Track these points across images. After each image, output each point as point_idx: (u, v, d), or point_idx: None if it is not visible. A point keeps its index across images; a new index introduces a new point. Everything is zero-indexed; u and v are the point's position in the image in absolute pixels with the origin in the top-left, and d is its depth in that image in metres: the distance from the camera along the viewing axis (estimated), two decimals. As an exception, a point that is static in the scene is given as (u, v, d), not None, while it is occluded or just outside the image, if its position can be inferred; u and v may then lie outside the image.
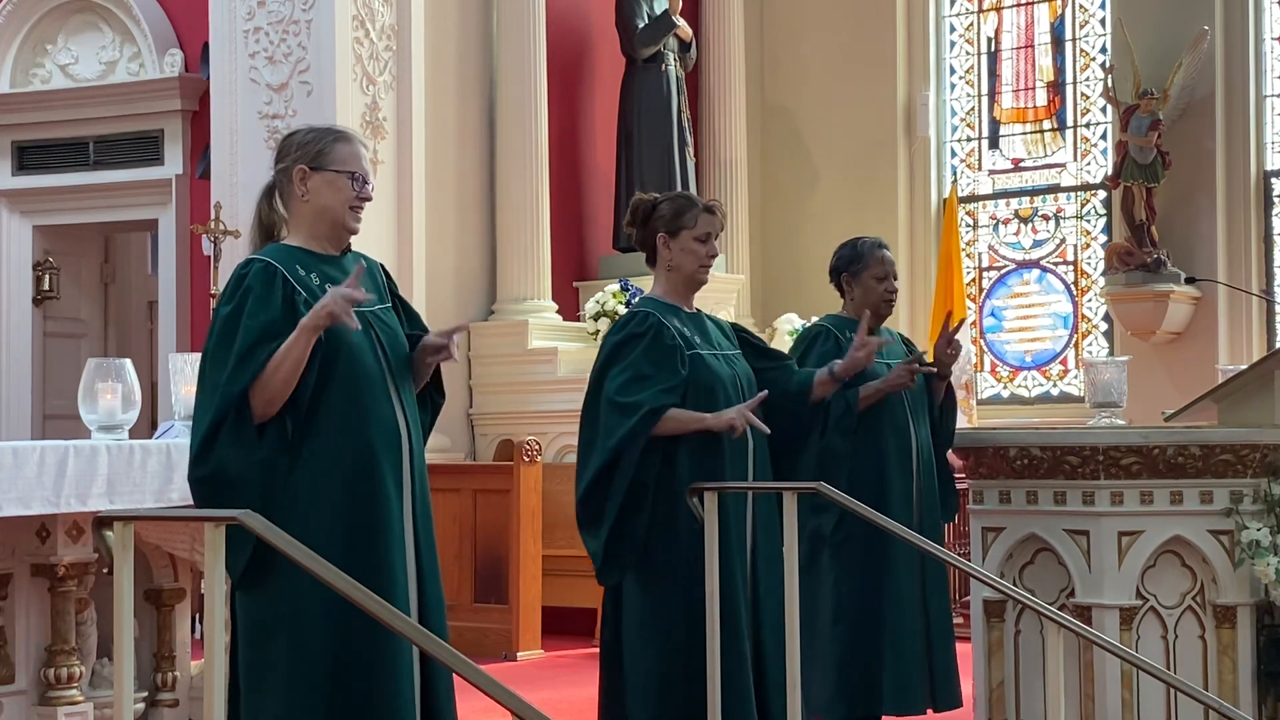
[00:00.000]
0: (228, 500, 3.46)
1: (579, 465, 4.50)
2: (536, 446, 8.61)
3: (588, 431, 4.51)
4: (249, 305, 3.59)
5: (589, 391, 4.55)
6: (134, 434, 5.23)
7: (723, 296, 10.71)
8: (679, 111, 10.82)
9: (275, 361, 3.54)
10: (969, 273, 11.48)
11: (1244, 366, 5.30)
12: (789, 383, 4.72)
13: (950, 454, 5.40)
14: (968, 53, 11.90)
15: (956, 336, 5.36)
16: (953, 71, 11.96)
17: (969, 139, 11.85)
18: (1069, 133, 11.49)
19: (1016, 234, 11.59)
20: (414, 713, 3.59)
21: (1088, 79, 11.39)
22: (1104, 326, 11.17)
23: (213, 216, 8.93)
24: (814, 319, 5.71)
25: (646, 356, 4.44)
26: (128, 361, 5.25)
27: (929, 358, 5.40)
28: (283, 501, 3.54)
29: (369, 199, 3.80)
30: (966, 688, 5.17)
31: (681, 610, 4.37)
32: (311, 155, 3.74)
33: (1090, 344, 11.23)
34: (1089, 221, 11.35)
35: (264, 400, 3.54)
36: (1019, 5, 11.72)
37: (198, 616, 6.50)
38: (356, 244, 3.90)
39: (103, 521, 3.05)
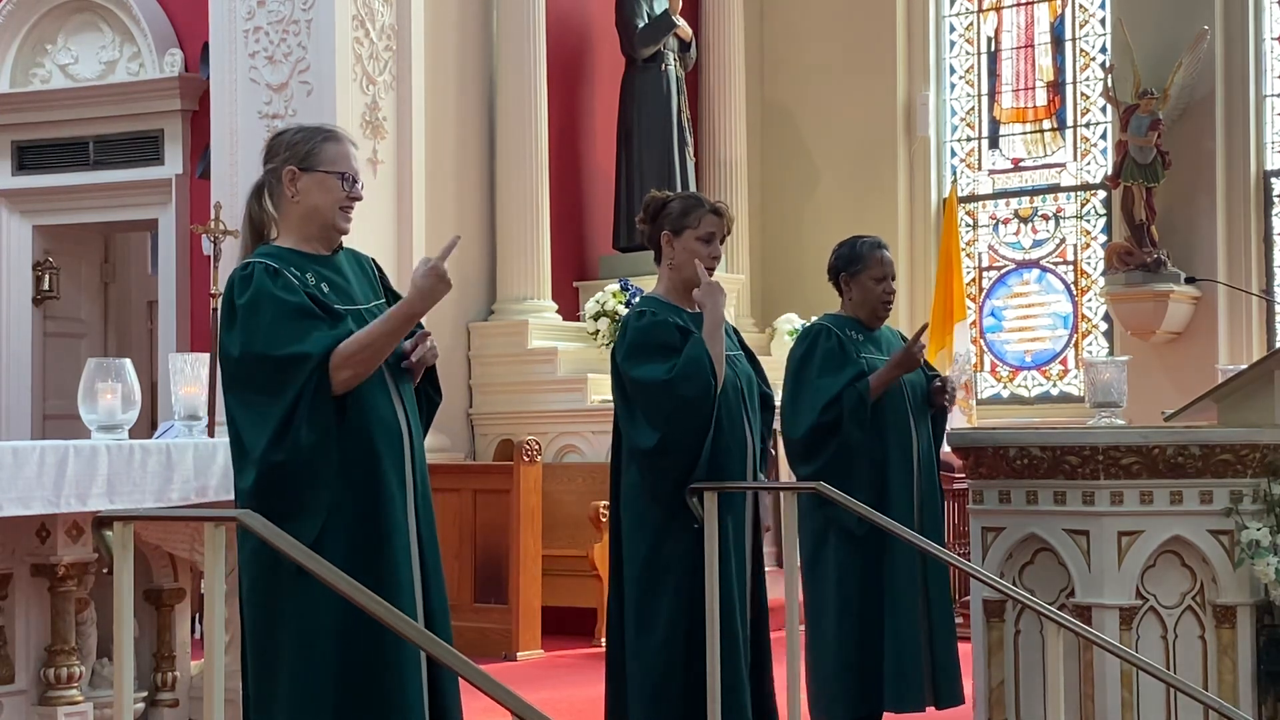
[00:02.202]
0: (303, 483, 3.43)
1: (660, 448, 4.43)
2: (536, 446, 8.61)
3: (645, 421, 4.45)
4: (269, 294, 3.56)
5: (622, 376, 4.50)
6: (134, 434, 5.22)
7: (723, 296, 10.69)
8: (679, 111, 10.82)
9: (371, 341, 3.54)
10: (969, 273, 11.48)
11: (1244, 366, 5.29)
12: None
13: (950, 454, 5.41)
14: (968, 53, 11.90)
15: (951, 388, 5.42)
16: (953, 71, 11.96)
17: (969, 139, 11.85)
18: (1069, 133, 11.49)
19: (1016, 234, 11.59)
20: (422, 710, 3.59)
21: (1088, 79, 11.39)
22: (1104, 326, 11.17)
23: (213, 216, 8.93)
24: (813, 318, 5.71)
25: (679, 335, 4.46)
26: (128, 361, 5.24)
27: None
28: None
29: (359, 199, 3.78)
30: (967, 686, 5.18)
31: (680, 610, 4.38)
32: (301, 156, 3.72)
33: (1090, 344, 11.23)
34: (1089, 221, 11.35)
35: (350, 374, 3.53)
36: (1019, 5, 11.72)
37: (198, 616, 6.50)
38: (353, 242, 3.90)
39: (102, 521, 3.05)
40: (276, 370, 3.51)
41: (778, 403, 4.92)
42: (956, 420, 8.44)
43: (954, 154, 11.91)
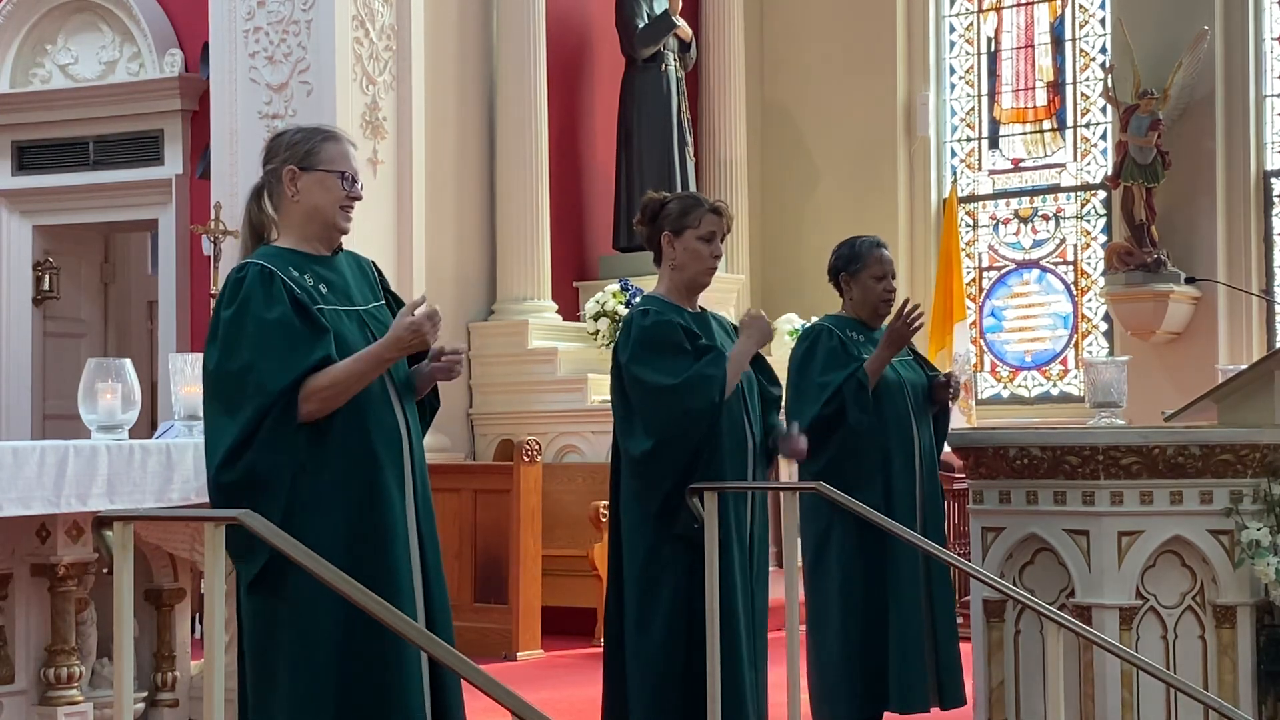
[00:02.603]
0: (253, 505, 3.44)
1: (654, 461, 4.42)
2: (536, 446, 8.61)
3: (645, 418, 4.43)
4: (256, 306, 3.56)
5: (625, 374, 4.49)
6: (134, 434, 5.22)
7: (723, 296, 10.71)
8: (679, 111, 10.82)
9: (341, 379, 3.54)
10: (969, 273, 11.48)
11: (1244, 366, 5.30)
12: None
13: (950, 454, 5.41)
14: (968, 53, 11.90)
15: (955, 383, 5.41)
16: (953, 71, 11.96)
17: (969, 139, 11.85)
18: (1069, 133, 11.49)
19: (1016, 234, 11.59)
20: (423, 711, 3.59)
21: (1088, 79, 11.39)
22: (1104, 326, 11.17)
23: (213, 216, 8.93)
24: (814, 319, 5.71)
25: (685, 336, 4.46)
26: (128, 361, 5.24)
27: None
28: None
29: (359, 198, 3.78)
30: (968, 685, 5.18)
31: (679, 610, 4.38)
32: (301, 155, 3.73)
33: (1090, 344, 11.23)
34: (1089, 221, 11.35)
35: (315, 408, 3.53)
36: (1019, 5, 11.72)
37: (198, 616, 6.50)
38: (353, 242, 3.90)
39: (103, 521, 3.05)
40: (239, 391, 3.52)
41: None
42: (956, 420, 8.43)
43: (954, 154, 11.91)
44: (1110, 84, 10.71)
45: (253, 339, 3.54)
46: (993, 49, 11.79)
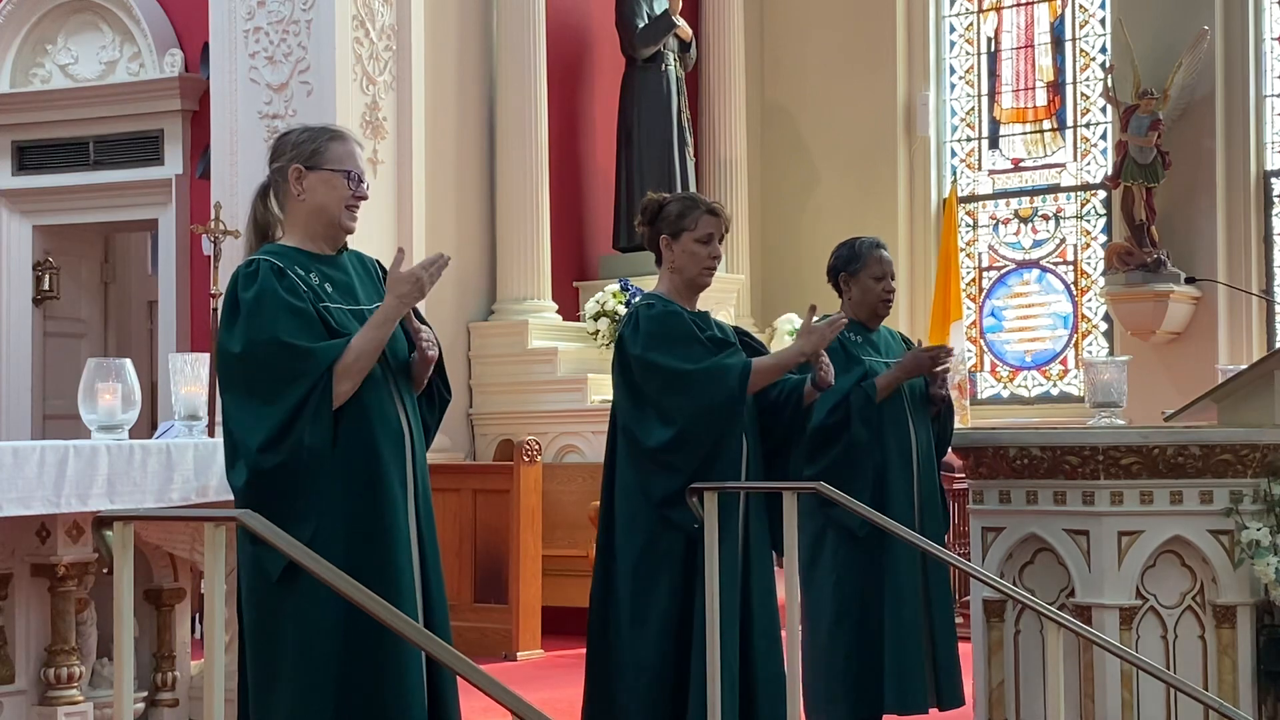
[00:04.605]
0: (291, 491, 3.44)
1: (671, 448, 4.37)
2: (536, 446, 8.61)
3: (664, 400, 4.39)
4: (280, 292, 3.57)
5: (637, 364, 4.45)
6: (134, 434, 5.22)
7: (723, 296, 10.71)
8: (679, 111, 10.82)
9: (365, 349, 3.56)
10: (969, 273, 11.48)
11: (1244, 366, 5.29)
12: (783, 384, 4.67)
13: (950, 455, 5.40)
14: (968, 53, 11.90)
15: (941, 378, 5.36)
16: (953, 71, 11.96)
17: (969, 139, 11.85)
18: (1069, 133, 11.49)
19: (1016, 234, 11.60)
20: (423, 710, 3.59)
21: (1088, 79, 11.39)
22: (1104, 326, 11.17)
23: (213, 216, 8.93)
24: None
25: (691, 330, 4.44)
26: (128, 361, 5.24)
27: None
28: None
29: (365, 198, 3.79)
30: (967, 686, 5.18)
31: (675, 606, 4.38)
32: (307, 154, 3.74)
33: (1090, 344, 11.24)
34: (1089, 221, 11.35)
35: (348, 388, 3.55)
36: (1019, 5, 11.72)
37: (198, 616, 6.50)
38: (353, 242, 3.90)
39: (103, 521, 3.04)
40: (285, 362, 3.51)
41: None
42: (952, 426, 8.42)
43: (954, 154, 11.91)
44: (1110, 84, 10.71)
45: (284, 322, 3.54)
46: (993, 49, 11.79)
